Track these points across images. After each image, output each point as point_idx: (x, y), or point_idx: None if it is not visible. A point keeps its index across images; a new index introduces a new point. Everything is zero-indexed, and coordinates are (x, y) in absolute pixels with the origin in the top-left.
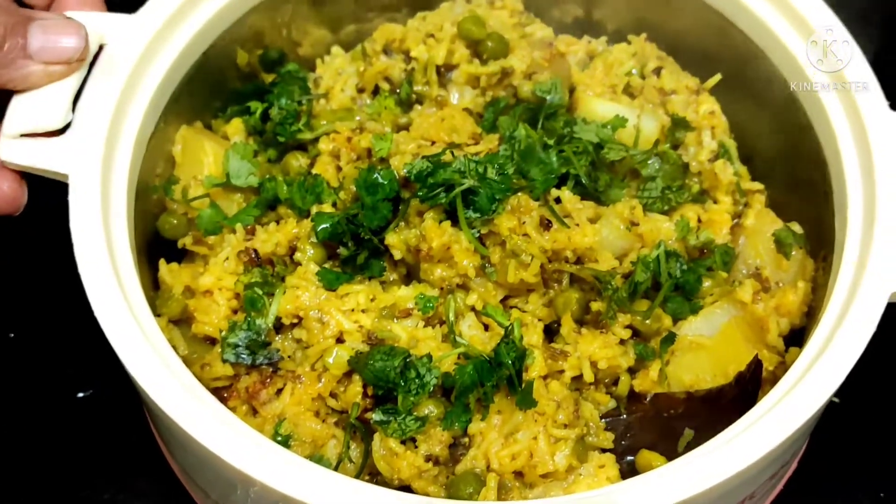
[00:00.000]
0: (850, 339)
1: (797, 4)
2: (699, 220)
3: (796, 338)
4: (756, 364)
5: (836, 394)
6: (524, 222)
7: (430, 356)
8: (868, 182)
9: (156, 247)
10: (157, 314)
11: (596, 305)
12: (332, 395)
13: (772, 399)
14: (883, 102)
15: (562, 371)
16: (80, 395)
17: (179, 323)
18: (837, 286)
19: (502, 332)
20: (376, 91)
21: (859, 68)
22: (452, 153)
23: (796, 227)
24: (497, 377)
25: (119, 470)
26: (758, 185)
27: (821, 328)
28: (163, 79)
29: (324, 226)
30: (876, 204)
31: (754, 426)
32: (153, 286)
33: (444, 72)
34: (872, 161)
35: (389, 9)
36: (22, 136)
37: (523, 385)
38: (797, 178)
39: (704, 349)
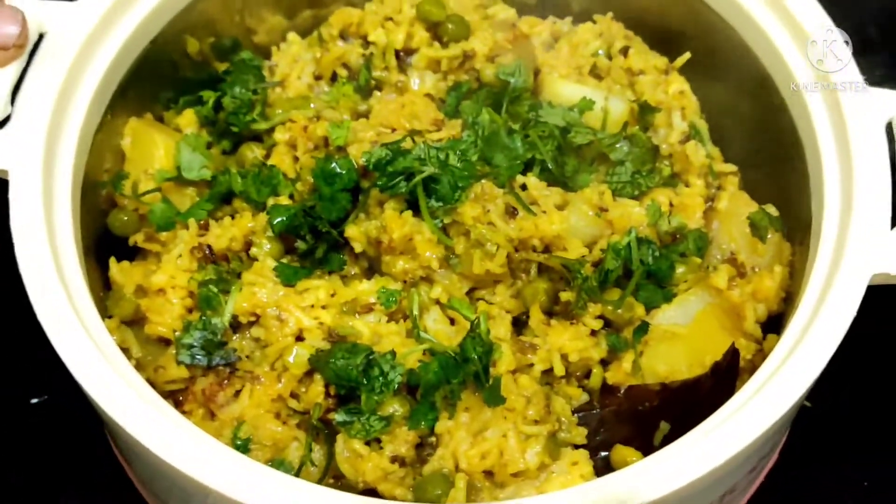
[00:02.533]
0: (829, 325)
1: None
2: (671, 205)
3: (774, 324)
4: (732, 354)
5: (816, 383)
6: (489, 210)
7: (393, 353)
8: (845, 161)
9: (106, 245)
10: (108, 315)
11: (565, 295)
12: (293, 395)
13: (749, 390)
14: (859, 78)
15: (531, 365)
16: (34, 400)
17: (132, 324)
18: (815, 271)
19: (469, 325)
20: (334, 78)
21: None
22: (413, 139)
23: (772, 210)
24: (464, 374)
25: (76, 478)
26: (731, 167)
27: (799, 315)
28: (108, 69)
29: (280, 218)
30: (853, 184)
31: (731, 419)
32: (104, 286)
33: (403, 56)
34: (849, 139)
35: None
36: None
37: (491, 381)
38: (771, 158)
39: (679, 339)
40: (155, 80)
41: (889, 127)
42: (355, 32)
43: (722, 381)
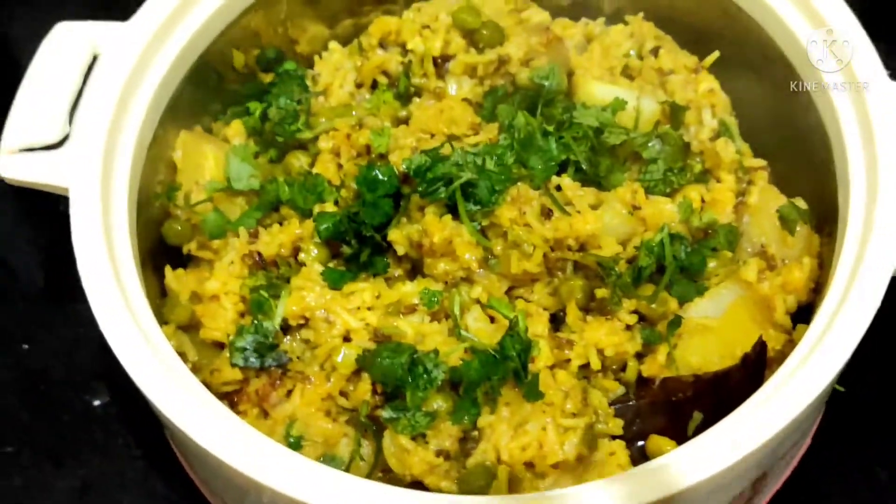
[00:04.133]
0: (853, 314)
1: None
2: (702, 201)
3: (804, 315)
4: (760, 346)
5: (844, 371)
6: (525, 212)
7: (436, 351)
8: (869, 154)
9: (162, 254)
10: (164, 322)
11: (600, 292)
12: (342, 393)
13: (778, 379)
14: (883, 73)
15: (568, 360)
16: (97, 403)
17: (188, 329)
18: (841, 262)
19: (506, 320)
20: (375, 86)
21: (860, 41)
22: (452, 145)
23: (800, 203)
24: (503, 370)
25: (139, 479)
26: (760, 162)
27: (826, 305)
28: (159, 85)
29: (326, 225)
30: (878, 176)
31: (762, 407)
32: (161, 294)
33: (441, 63)
34: (873, 132)
35: (385, 0)
36: (21, 150)
37: (530, 377)
38: (799, 152)
39: (711, 331)
40: (204, 93)
41: None
42: (394, 41)
43: (751, 372)
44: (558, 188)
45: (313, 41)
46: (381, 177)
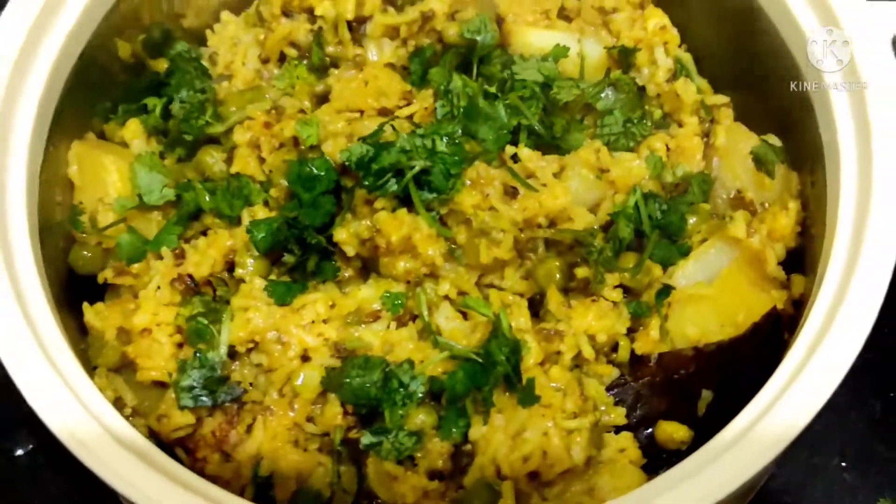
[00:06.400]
0: (869, 279)
1: None
2: (667, 149)
3: (793, 260)
4: (775, 318)
5: None
6: (488, 194)
7: (411, 362)
8: (854, 87)
9: (74, 286)
10: (93, 366)
11: (581, 272)
12: (309, 419)
13: (801, 349)
14: None
15: (559, 353)
16: (19, 452)
17: (121, 369)
18: (842, 205)
19: (483, 317)
20: (283, 59)
21: None
22: (393, 127)
23: (773, 140)
24: (493, 378)
25: None
26: (723, 99)
27: (832, 267)
28: (42, 94)
29: (262, 235)
30: (867, 106)
31: (802, 379)
32: (81, 331)
33: (356, 26)
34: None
35: None
36: None
37: (524, 382)
38: (761, 81)
39: (706, 299)
40: (91, 94)
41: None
42: (298, 6)
43: (765, 345)
44: (514, 158)
45: (201, 13)
46: (317, 171)
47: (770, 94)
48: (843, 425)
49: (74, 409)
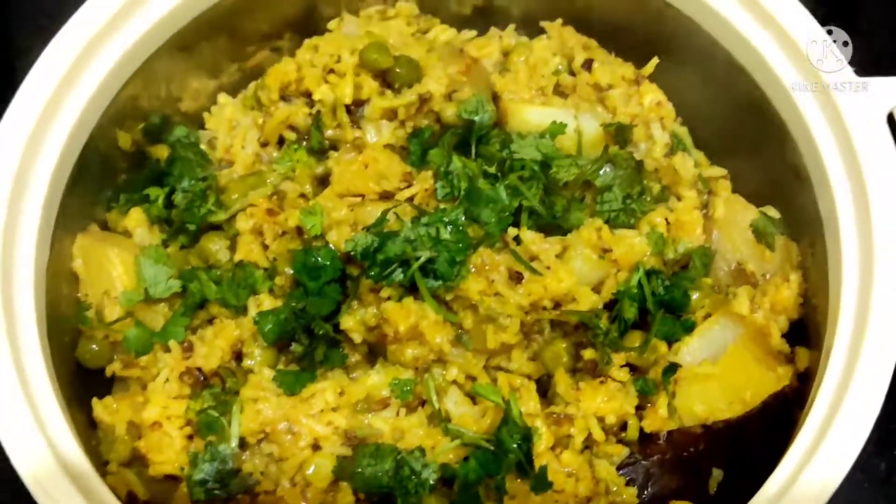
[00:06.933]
0: (881, 338)
1: None
2: (667, 223)
3: (795, 330)
4: (784, 398)
5: None
6: (493, 280)
7: (422, 450)
8: (847, 153)
9: (82, 378)
10: (104, 462)
11: (588, 354)
12: None
13: (812, 430)
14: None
15: (569, 436)
16: None
17: (132, 463)
18: (845, 277)
19: (491, 401)
20: (281, 141)
21: (808, 26)
22: (396, 214)
23: (772, 212)
24: (505, 466)
25: None
26: (720, 171)
27: (840, 333)
28: (48, 190)
29: (269, 326)
30: (865, 183)
31: (813, 464)
32: (91, 425)
33: (354, 109)
34: (847, 128)
35: (270, 38)
36: None
37: (536, 468)
38: (757, 153)
39: (713, 378)
40: (93, 185)
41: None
42: (296, 91)
43: (774, 423)
44: (517, 240)
45: (198, 95)
46: (322, 261)
47: (766, 164)
48: (848, 485)
49: None
